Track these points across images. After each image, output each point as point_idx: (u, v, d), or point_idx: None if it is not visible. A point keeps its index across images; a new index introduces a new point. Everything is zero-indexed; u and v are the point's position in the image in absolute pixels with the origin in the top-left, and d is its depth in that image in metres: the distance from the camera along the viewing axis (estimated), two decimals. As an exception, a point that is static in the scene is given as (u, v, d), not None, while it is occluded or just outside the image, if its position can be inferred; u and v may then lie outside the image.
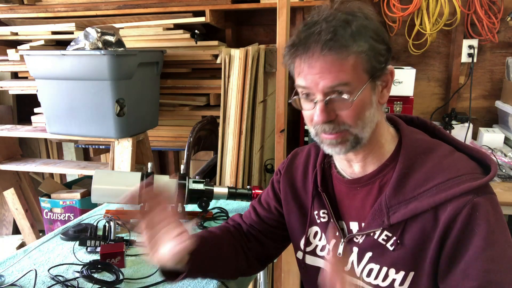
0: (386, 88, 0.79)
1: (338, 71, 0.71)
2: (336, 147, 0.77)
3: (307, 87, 0.75)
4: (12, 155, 2.31)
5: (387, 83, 0.80)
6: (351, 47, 0.71)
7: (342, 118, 0.74)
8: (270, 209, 0.99)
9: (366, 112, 0.75)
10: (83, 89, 1.73)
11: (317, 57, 0.72)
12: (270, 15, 2.37)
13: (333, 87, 0.72)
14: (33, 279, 0.96)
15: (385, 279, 0.77)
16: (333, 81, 0.72)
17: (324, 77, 0.72)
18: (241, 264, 0.96)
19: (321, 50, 0.71)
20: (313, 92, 0.74)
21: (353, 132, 0.75)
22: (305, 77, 0.74)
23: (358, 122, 0.75)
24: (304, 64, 0.73)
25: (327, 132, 0.76)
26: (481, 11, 2.07)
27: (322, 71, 0.72)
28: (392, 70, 0.80)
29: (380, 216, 0.77)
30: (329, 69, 0.71)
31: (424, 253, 0.73)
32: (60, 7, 2.30)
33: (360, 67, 0.73)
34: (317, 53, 0.71)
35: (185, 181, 1.24)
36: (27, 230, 2.45)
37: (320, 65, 0.72)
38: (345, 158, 0.84)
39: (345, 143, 0.76)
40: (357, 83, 0.73)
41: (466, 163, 0.76)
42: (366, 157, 0.81)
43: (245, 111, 1.72)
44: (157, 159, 2.71)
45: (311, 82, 0.73)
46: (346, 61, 0.71)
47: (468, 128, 2.15)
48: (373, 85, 0.76)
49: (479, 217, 0.69)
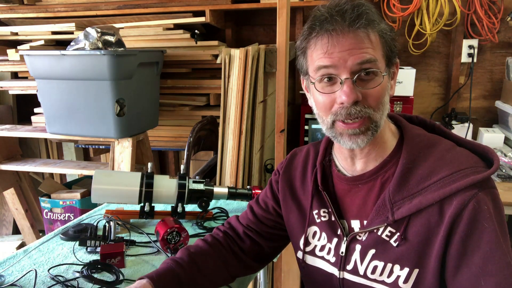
0: (393, 80, 0.81)
1: (367, 47, 0.72)
2: (358, 138, 0.76)
3: (333, 65, 0.73)
4: (12, 155, 2.31)
5: (394, 74, 0.81)
6: (378, 24, 0.73)
7: (367, 100, 0.74)
8: (268, 209, 0.99)
9: (385, 97, 0.76)
10: (83, 89, 1.73)
11: (345, 34, 0.72)
12: (270, 15, 2.37)
13: (362, 63, 0.72)
14: (33, 279, 0.96)
15: (390, 275, 0.76)
16: (363, 57, 0.71)
17: (353, 53, 0.71)
18: (234, 271, 0.96)
19: (350, 26, 0.71)
20: (337, 73, 0.73)
21: (374, 118, 0.75)
22: (330, 55, 0.72)
23: (380, 106, 0.75)
24: (329, 42, 0.72)
25: (350, 119, 0.74)
26: (481, 11, 2.07)
27: (351, 47, 0.71)
28: (398, 63, 0.81)
29: (384, 212, 0.77)
30: (358, 45, 0.71)
31: (429, 249, 0.73)
32: (60, 7, 2.30)
33: (382, 49, 0.75)
34: (346, 29, 0.72)
35: (185, 181, 1.24)
36: (27, 230, 2.45)
37: (348, 41, 0.71)
38: (348, 155, 0.84)
39: (366, 133, 0.76)
40: (381, 63, 0.74)
41: (469, 156, 0.77)
42: (370, 153, 0.82)
43: (245, 111, 1.72)
44: (157, 159, 2.71)
45: (339, 59, 0.72)
46: (371, 38, 0.73)
47: (468, 128, 2.15)
48: (388, 72, 0.77)
49: (486, 210, 0.69)
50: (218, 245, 0.97)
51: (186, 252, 0.92)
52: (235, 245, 0.98)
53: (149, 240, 1.16)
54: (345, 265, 0.82)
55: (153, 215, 1.25)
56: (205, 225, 1.28)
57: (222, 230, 1.01)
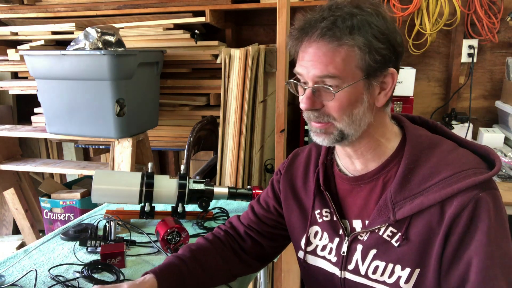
0: (384, 92, 0.78)
1: (329, 62, 0.73)
2: (320, 136, 0.80)
3: (300, 73, 0.78)
4: (12, 155, 2.31)
5: (386, 86, 0.78)
6: (344, 39, 0.72)
7: (327, 109, 0.77)
8: (269, 208, 0.99)
9: (354, 109, 0.76)
10: (83, 89, 1.73)
11: (312, 44, 0.74)
12: (270, 15, 2.37)
13: (321, 77, 0.74)
14: (33, 279, 0.95)
15: (391, 276, 0.76)
16: (322, 71, 0.74)
17: (315, 66, 0.74)
18: (235, 269, 0.96)
19: (317, 37, 0.73)
20: (304, 80, 0.77)
21: (337, 126, 0.77)
22: (301, 63, 0.77)
23: (344, 117, 0.76)
24: (302, 50, 0.76)
25: (313, 120, 0.79)
26: (481, 11, 2.07)
27: (314, 59, 0.74)
28: (394, 73, 0.77)
29: (385, 212, 0.77)
30: (320, 59, 0.73)
31: (429, 249, 0.73)
32: (60, 7, 2.30)
33: (353, 62, 0.73)
34: (313, 40, 0.74)
35: (186, 181, 1.24)
36: (27, 230, 2.45)
37: (313, 52, 0.74)
38: (345, 154, 0.85)
39: (329, 135, 0.78)
40: (347, 77, 0.74)
41: (471, 157, 0.77)
42: (365, 154, 0.82)
43: (245, 111, 1.72)
44: (157, 159, 2.71)
45: (304, 69, 0.76)
46: (338, 52, 0.72)
47: (468, 128, 2.15)
48: (367, 84, 0.75)
49: (483, 212, 0.69)
50: (219, 243, 0.97)
51: (188, 249, 0.93)
52: (236, 244, 0.99)
53: (149, 240, 1.15)
54: (346, 265, 0.82)
55: (153, 215, 1.25)
56: (206, 225, 1.28)
57: (223, 229, 1.01)
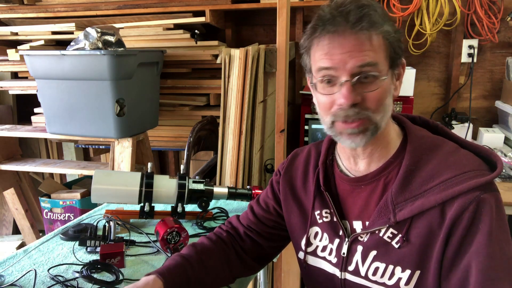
0: (398, 81, 0.80)
1: (368, 50, 0.71)
2: (357, 137, 0.76)
3: (333, 67, 0.73)
4: (12, 155, 2.31)
5: (399, 76, 0.80)
6: (380, 26, 0.72)
7: (366, 102, 0.73)
8: (268, 209, 0.99)
9: (386, 99, 0.76)
10: (83, 89, 1.73)
11: (347, 36, 0.71)
12: (270, 15, 2.37)
13: (362, 66, 0.71)
14: (33, 279, 0.96)
15: (391, 277, 0.76)
16: (363, 60, 0.71)
17: (354, 55, 0.71)
18: (236, 270, 0.96)
19: (352, 27, 0.71)
20: (337, 74, 0.73)
21: (373, 119, 0.75)
22: (331, 57, 0.72)
23: (380, 108, 0.74)
24: (330, 43, 0.72)
25: (348, 120, 0.74)
26: (481, 11, 2.07)
27: (352, 49, 0.71)
28: (404, 64, 0.80)
29: (386, 213, 0.77)
30: (360, 48, 0.71)
31: (430, 251, 0.72)
32: (60, 7, 2.30)
33: (385, 51, 0.74)
34: (348, 31, 0.71)
35: (185, 181, 1.24)
36: (27, 230, 2.45)
37: (350, 43, 0.71)
38: (350, 154, 0.84)
39: (365, 133, 0.75)
40: (383, 66, 0.74)
41: (472, 159, 0.76)
42: (373, 153, 0.81)
43: (245, 111, 1.72)
44: (157, 159, 2.71)
45: (339, 61, 0.72)
46: (373, 40, 0.72)
47: (468, 128, 2.15)
48: (392, 73, 0.77)
49: (484, 213, 0.69)
50: (222, 244, 0.97)
51: (194, 250, 0.92)
52: (237, 244, 0.98)
53: (149, 240, 1.16)
54: (346, 266, 0.82)
55: (153, 215, 1.25)
56: (205, 225, 1.28)
57: (225, 230, 1.01)
